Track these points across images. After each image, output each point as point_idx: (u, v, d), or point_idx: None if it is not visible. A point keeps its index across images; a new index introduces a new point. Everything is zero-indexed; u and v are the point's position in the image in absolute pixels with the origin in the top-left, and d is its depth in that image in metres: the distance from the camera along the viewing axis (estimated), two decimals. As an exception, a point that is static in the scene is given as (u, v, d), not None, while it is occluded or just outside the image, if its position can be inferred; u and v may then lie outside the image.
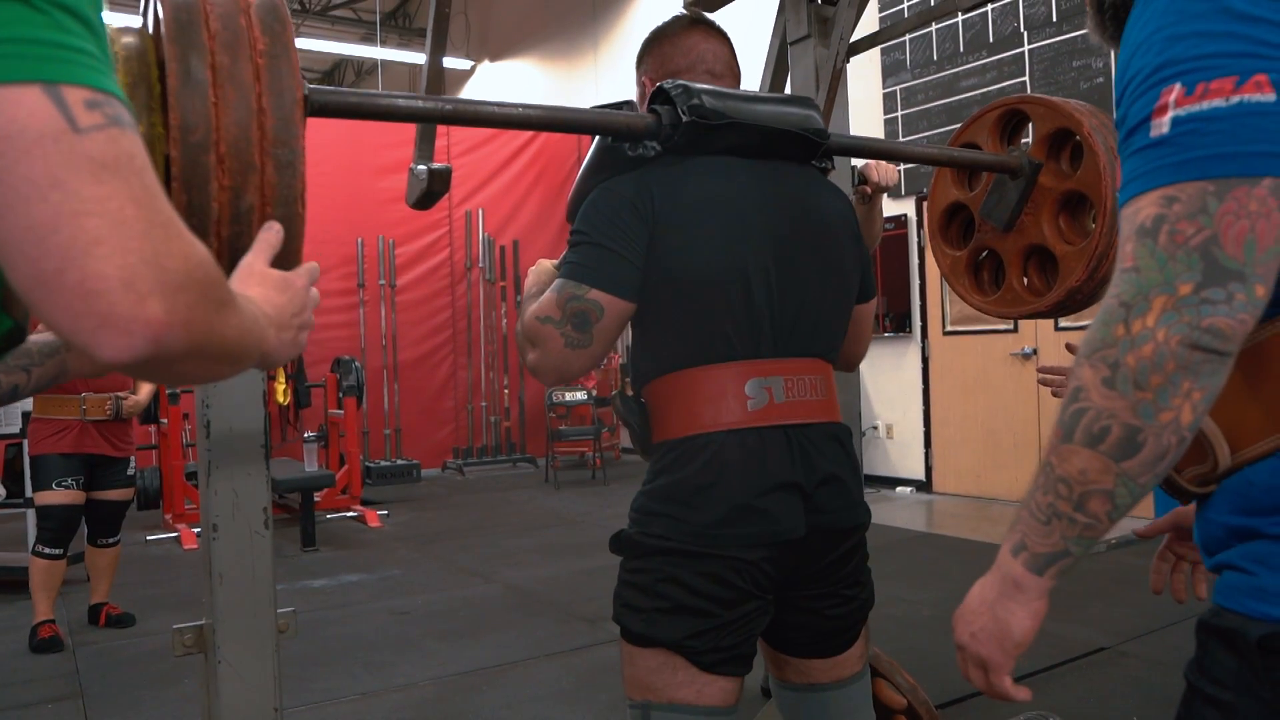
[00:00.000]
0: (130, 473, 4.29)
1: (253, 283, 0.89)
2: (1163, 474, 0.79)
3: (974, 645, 0.92)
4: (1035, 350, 6.46)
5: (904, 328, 7.27)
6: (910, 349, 7.28)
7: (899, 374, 7.36)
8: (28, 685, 3.61)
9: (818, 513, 1.43)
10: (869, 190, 2.45)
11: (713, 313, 1.41)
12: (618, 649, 1.46)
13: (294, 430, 7.75)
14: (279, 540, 1.42)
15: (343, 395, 7.13)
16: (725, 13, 2.68)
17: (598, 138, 1.49)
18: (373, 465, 8.01)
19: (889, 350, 7.34)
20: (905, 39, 7.04)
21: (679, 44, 1.61)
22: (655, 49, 1.63)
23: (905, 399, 7.33)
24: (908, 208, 7.15)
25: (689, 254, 1.40)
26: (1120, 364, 0.76)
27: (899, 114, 7.17)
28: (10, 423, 5.27)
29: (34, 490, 4.12)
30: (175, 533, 6.25)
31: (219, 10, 0.96)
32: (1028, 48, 6.32)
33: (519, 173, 9.77)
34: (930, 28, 6.84)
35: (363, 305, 8.98)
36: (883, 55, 7.21)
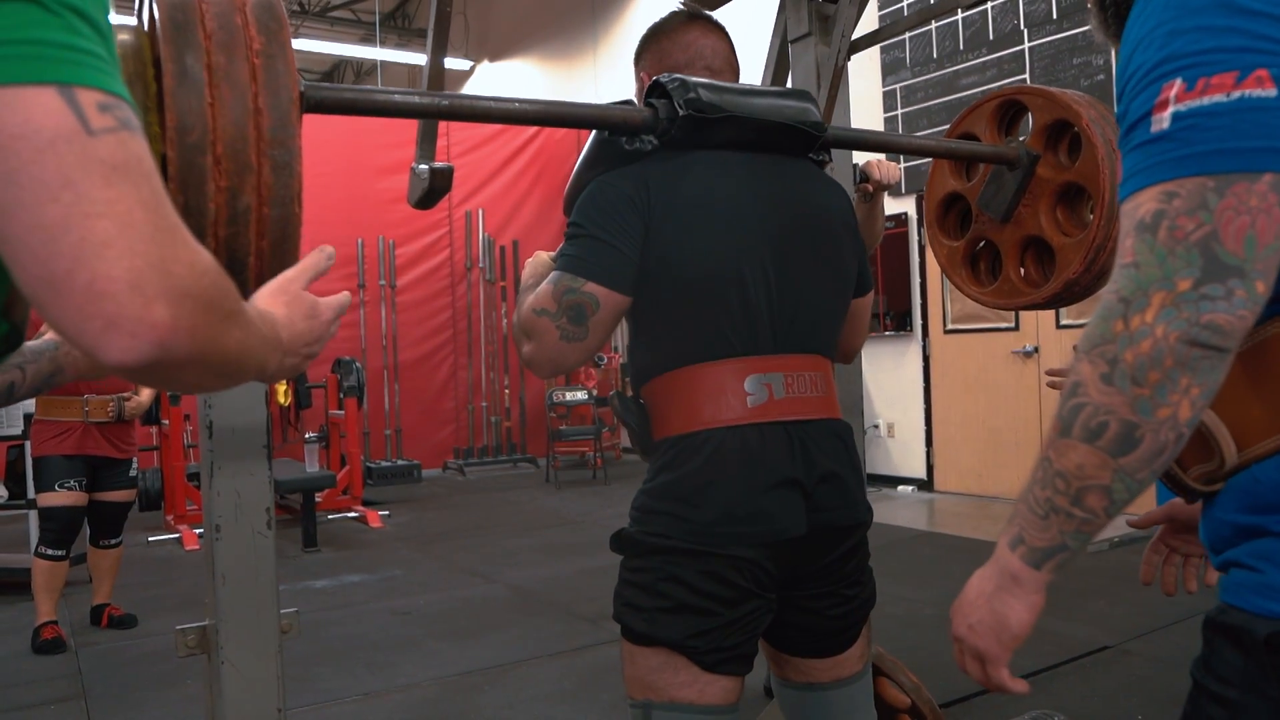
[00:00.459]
0: (132, 474, 4.29)
1: (283, 300, 0.89)
2: (1160, 470, 0.79)
3: (971, 638, 0.92)
4: (1037, 348, 6.45)
5: (905, 326, 7.26)
6: (911, 347, 7.27)
7: (900, 372, 7.35)
8: (31, 686, 3.61)
9: (818, 510, 1.42)
10: (870, 188, 2.45)
11: (711, 309, 1.41)
12: (619, 648, 1.46)
13: (295, 431, 7.75)
14: (280, 541, 1.43)
15: (343, 396, 7.13)
16: (725, 11, 2.67)
17: (594, 132, 1.49)
18: (374, 466, 8.01)
19: (890, 349, 7.34)
20: (905, 37, 7.03)
21: (677, 39, 1.60)
22: (654, 44, 1.63)
23: (906, 398, 7.33)
24: (908, 206, 7.15)
25: (686, 249, 1.40)
26: (1119, 360, 0.76)
27: (899, 112, 7.17)
28: (12, 424, 5.28)
29: (36, 492, 4.13)
30: (177, 534, 6.25)
31: (215, 9, 0.95)
32: (1028, 45, 6.32)
33: (519, 173, 9.77)
34: (930, 25, 6.84)
35: (363, 306, 8.99)
36: (882, 53, 7.21)
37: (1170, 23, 0.78)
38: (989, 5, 6.47)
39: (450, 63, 11.90)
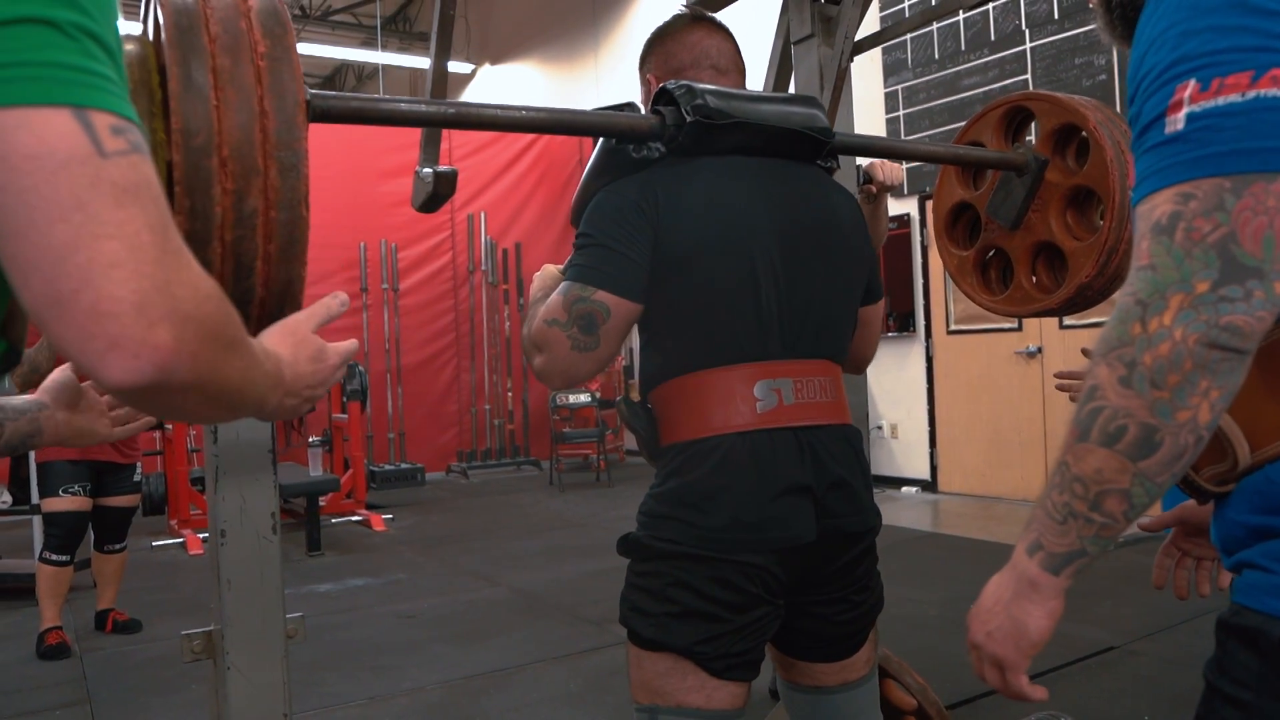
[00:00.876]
0: (136, 479, 4.29)
1: (289, 342, 0.89)
2: (1180, 473, 0.79)
3: (990, 645, 0.91)
4: (1040, 349, 6.44)
5: (908, 327, 7.26)
6: (914, 348, 7.27)
7: (903, 373, 7.35)
8: (36, 692, 3.61)
9: (828, 516, 1.41)
10: (874, 189, 2.45)
11: (720, 314, 1.40)
12: (625, 651, 1.46)
13: (298, 435, 7.76)
14: (284, 545, 1.43)
15: (346, 400, 7.13)
16: (728, 13, 2.67)
17: (601, 140, 1.48)
18: (377, 469, 8.01)
19: (893, 350, 7.33)
20: (906, 38, 7.03)
21: (683, 40, 1.60)
22: (659, 47, 1.62)
23: (910, 398, 7.32)
24: (911, 207, 7.15)
25: (695, 254, 1.39)
26: (1137, 363, 0.76)
27: (900, 113, 7.17)
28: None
29: (41, 497, 4.13)
30: (181, 539, 6.25)
31: (219, 14, 0.95)
32: (1029, 45, 6.31)
33: (521, 175, 9.77)
34: (931, 26, 6.83)
35: (365, 309, 8.99)
36: (884, 54, 7.21)
37: (1182, 23, 0.77)
38: (990, 6, 6.47)
39: (452, 66, 11.91)
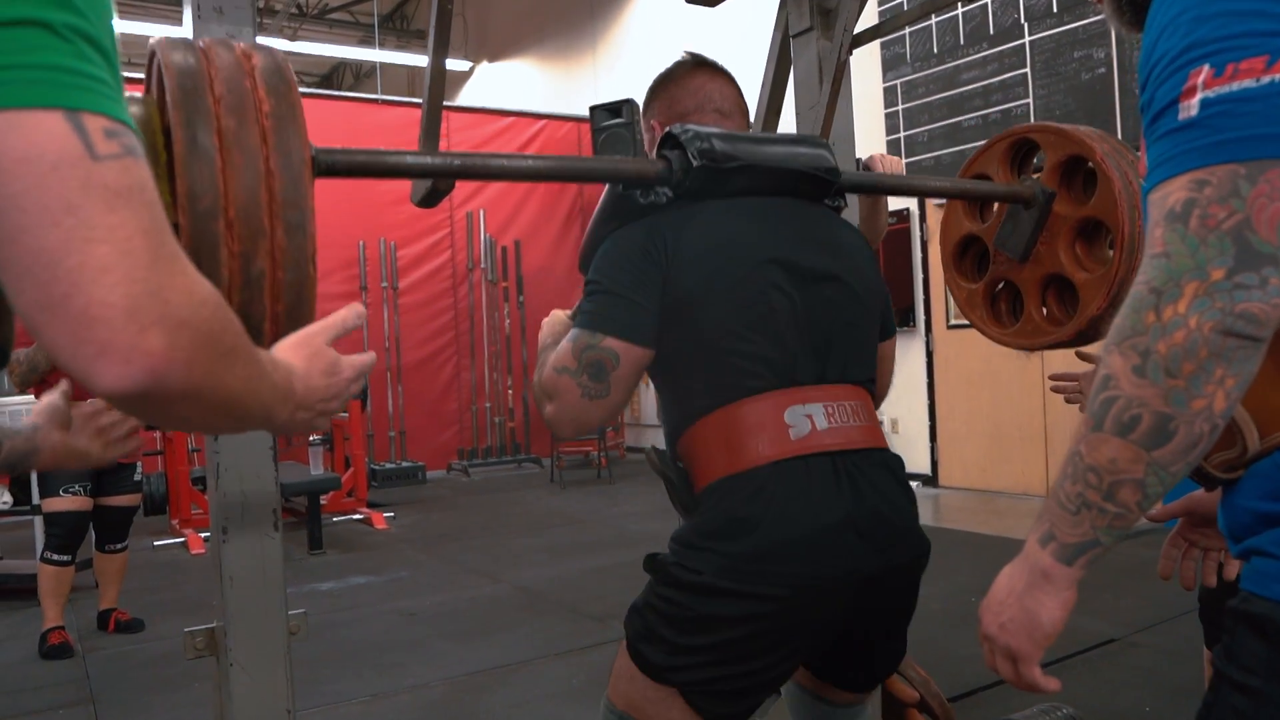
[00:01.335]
0: (137, 478, 4.29)
1: (303, 354, 0.88)
2: (1195, 462, 0.78)
3: (1003, 636, 0.91)
4: (1040, 342, 6.44)
5: (908, 322, 7.26)
6: (914, 343, 7.27)
7: (903, 368, 7.33)
8: (39, 691, 3.61)
9: (869, 550, 1.35)
10: (873, 183, 2.44)
11: (740, 346, 1.38)
12: (618, 647, 1.44)
13: (299, 434, 7.75)
14: (285, 544, 1.44)
15: (347, 398, 7.13)
16: (725, 8, 2.67)
17: (608, 186, 1.47)
18: (378, 468, 8.01)
19: (893, 344, 7.32)
20: (905, 32, 7.02)
21: (685, 85, 1.61)
22: (662, 93, 1.63)
23: (910, 393, 7.32)
24: (910, 203, 7.14)
25: (707, 292, 1.38)
26: (1151, 351, 0.75)
27: (900, 108, 7.16)
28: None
29: (41, 497, 4.13)
30: (182, 538, 6.26)
31: (224, 74, 0.95)
32: (1028, 39, 6.31)
33: (520, 173, 9.76)
34: (930, 20, 6.83)
35: (365, 308, 8.97)
36: (882, 49, 7.20)
37: (1195, 8, 0.77)
38: (988, -1, 6.46)
39: (450, 64, 11.90)
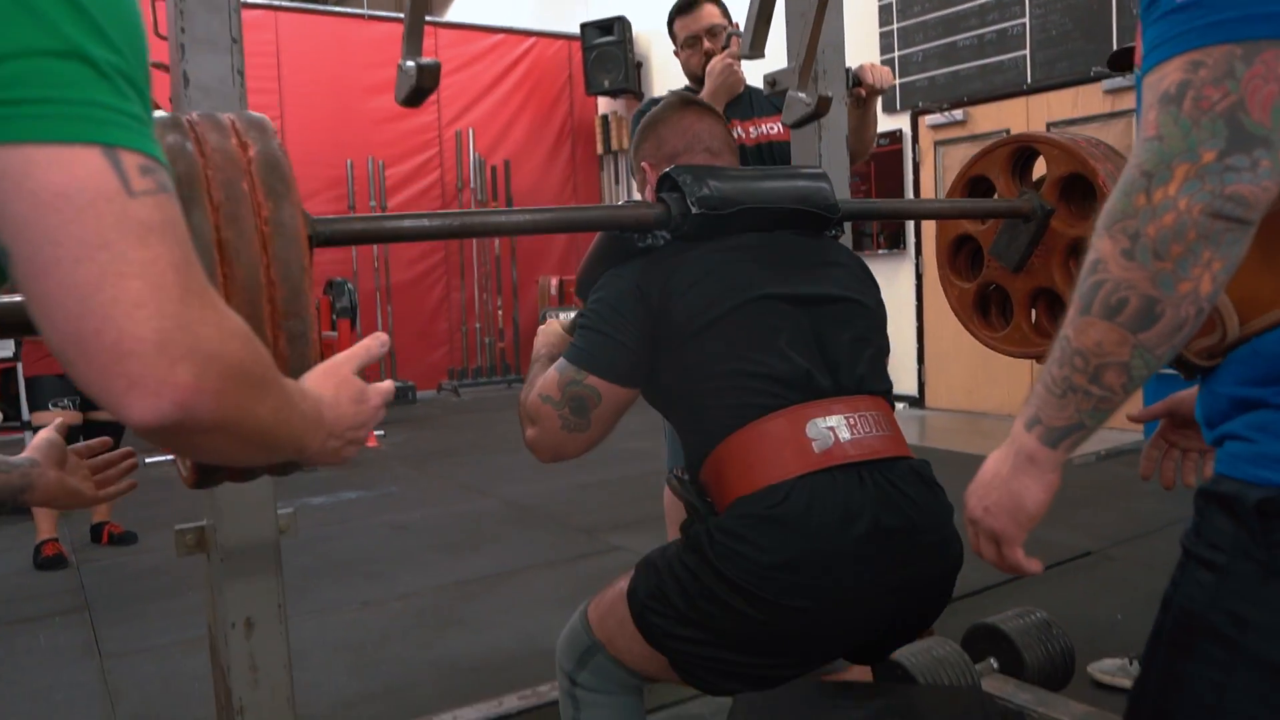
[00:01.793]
0: (127, 392, 4.29)
1: (331, 384, 0.90)
2: (1180, 345, 0.79)
3: (987, 519, 0.93)
4: (1029, 265, 6.44)
5: (898, 244, 7.24)
6: (904, 265, 7.27)
7: (892, 291, 7.33)
8: (35, 600, 3.68)
9: (898, 563, 1.34)
10: (863, 93, 2.42)
11: (751, 366, 1.37)
12: (614, 559, 1.48)
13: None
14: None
15: (336, 317, 7.12)
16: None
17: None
18: (368, 387, 8.02)
19: (882, 267, 7.31)
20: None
21: (674, 126, 1.62)
22: (651, 134, 1.64)
23: (899, 315, 7.33)
24: (903, 123, 7.06)
25: (711, 319, 1.39)
26: (1140, 234, 0.75)
27: (895, 26, 7.04)
28: (3, 347, 5.26)
29: (30, 411, 4.14)
30: (172, 455, 6.28)
31: (221, 176, 0.92)
32: (1026, -46, 6.18)
33: (509, 91, 9.60)
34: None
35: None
36: (878, -36, 7.05)
37: None
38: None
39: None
